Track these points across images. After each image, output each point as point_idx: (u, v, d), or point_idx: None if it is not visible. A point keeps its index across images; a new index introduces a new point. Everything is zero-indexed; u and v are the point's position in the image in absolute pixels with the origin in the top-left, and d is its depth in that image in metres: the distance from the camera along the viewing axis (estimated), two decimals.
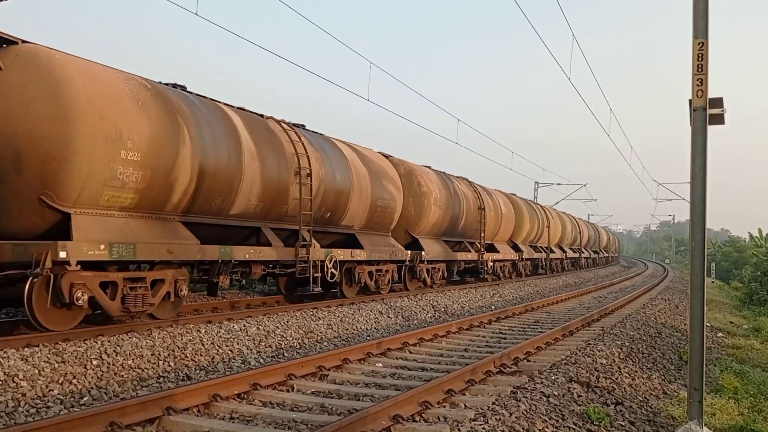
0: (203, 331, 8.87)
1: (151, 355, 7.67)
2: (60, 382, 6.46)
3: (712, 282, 40.22)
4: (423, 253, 17.02)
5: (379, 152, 16.79)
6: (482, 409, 5.63)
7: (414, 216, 17.23)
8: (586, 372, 7.42)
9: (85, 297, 7.96)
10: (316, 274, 12.18)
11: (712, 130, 5.73)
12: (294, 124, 12.72)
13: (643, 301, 19.01)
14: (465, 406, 6.17)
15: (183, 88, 10.26)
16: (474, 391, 6.84)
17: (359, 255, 14.03)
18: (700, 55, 5.62)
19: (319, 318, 11.12)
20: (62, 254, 7.54)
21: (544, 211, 33.05)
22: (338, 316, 11.56)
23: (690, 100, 5.72)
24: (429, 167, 19.33)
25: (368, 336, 10.88)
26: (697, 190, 5.70)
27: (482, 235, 21.68)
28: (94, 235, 8.05)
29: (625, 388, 7.29)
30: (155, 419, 5.41)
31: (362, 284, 14.51)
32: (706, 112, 5.65)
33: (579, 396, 6.49)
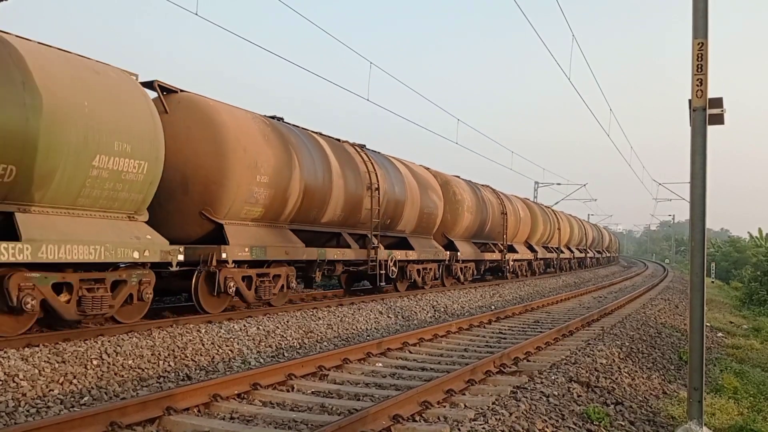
0: (203, 331, 8.88)
1: (152, 355, 7.67)
2: (60, 382, 6.46)
3: (712, 282, 40.23)
4: (458, 253, 19.59)
5: (420, 165, 19.11)
6: (482, 409, 5.63)
7: (450, 221, 19.65)
8: (586, 372, 7.42)
9: (234, 288, 10.26)
10: (381, 272, 14.69)
11: (711, 130, 5.74)
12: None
13: (642, 301, 19.02)
14: (465, 405, 6.17)
15: (281, 119, 12.63)
16: (474, 391, 6.85)
17: (412, 255, 16.49)
18: (699, 55, 5.62)
19: (319, 318, 11.13)
20: (224, 255, 9.95)
21: (555, 214, 35.92)
22: (338, 316, 11.56)
23: (690, 100, 5.72)
24: (458, 176, 21.48)
25: (368, 336, 10.88)
26: (697, 190, 5.70)
27: (504, 237, 24.37)
28: (239, 241, 10.41)
29: (624, 387, 7.30)
30: (155, 419, 5.42)
31: (412, 280, 16.93)
32: (705, 112, 5.65)
33: (579, 396, 6.49)
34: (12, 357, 6.56)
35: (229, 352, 8.52)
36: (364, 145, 15.44)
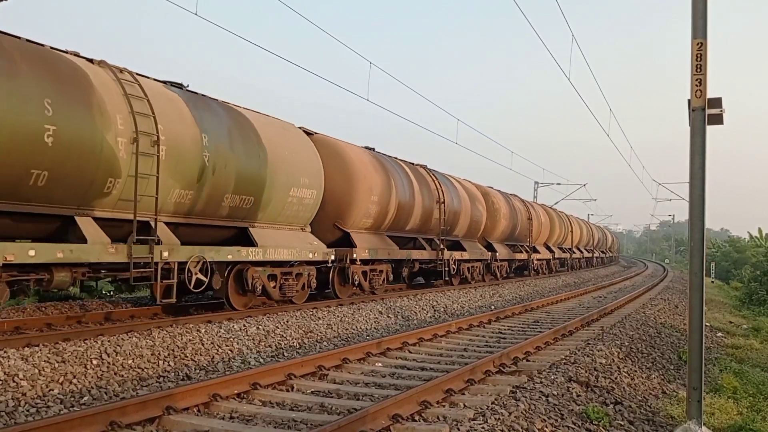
0: (203, 330, 8.88)
1: (151, 354, 7.67)
2: (60, 381, 6.47)
3: (712, 282, 40.22)
4: (497, 254, 23.54)
5: (464, 179, 22.78)
6: (481, 409, 5.63)
7: (489, 226, 23.40)
8: (586, 372, 7.43)
9: (357, 280, 14.12)
10: (446, 268, 18.57)
11: (711, 129, 5.74)
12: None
13: (642, 301, 19.02)
14: (464, 405, 6.18)
15: (373, 149, 16.17)
16: (473, 391, 6.85)
17: (465, 255, 20.39)
18: (698, 55, 5.63)
19: (319, 318, 11.13)
20: (354, 255, 13.72)
21: (568, 218, 40.05)
22: (338, 316, 11.57)
23: (689, 100, 5.72)
24: (491, 187, 25.30)
25: (368, 336, 10.88)
26: (696, 190, 5.70)
27: (530, 239, 28.33)
28: (361, 245, 14.11)
29: (624, 387, 7.30)
30: (155, 419, 5.42)
31: (463, 276, 20.70)
32: (704, 112, 5.65)
33: (578, 395, 6.49)
34: (12, 357, 6.57)
35: (229, 352, 8.53)
36: (426, 165, 19.19)
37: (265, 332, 9.58)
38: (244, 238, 11.11)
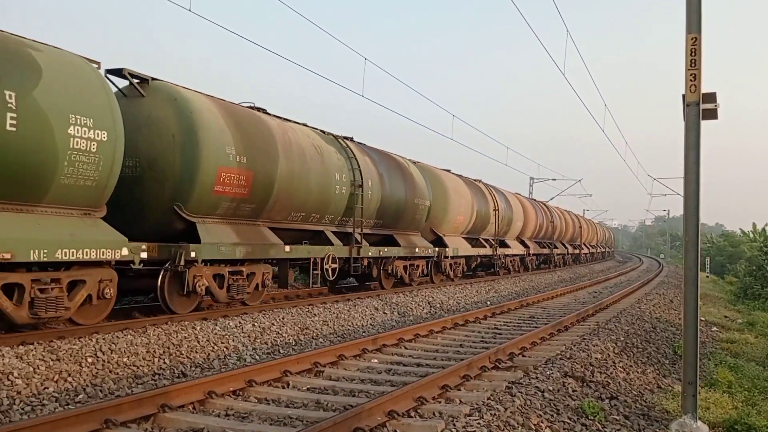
0: (198, 328, 8.86)
1: (147, 352, 7.65)
2: (55, 379, 6.44)
3: (707, 276, 40.35)
4: (530, 249, 29.21)
5: (510, 192, 28.46)
6: (477, 405, 5.64)
7: (522, 229, 28.36)
8: (581, 367, 7.44)
9: (451, 270, 20.04)
10: (500, 262, 24.59)
11: (705, 125, 5.74)
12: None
13: (638, 296, 19.06)
14: (460, 401, 6.18)
15: (448, 170, 21.43)
16: (469, 387, 6.86)
17: (509, 251, 25.84)
18: (693, 50, 5.62)
19: (315, 314, 11.12)
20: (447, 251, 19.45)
21: (578, 218, 46.17)
22: (334, 313, 11.56)
23: (683, 95, 5.72)
24: (519, 194, 31.15)
25: (364, 332, 10.88)
26: (691, 185, 5.69)
27: (553, 237, 34.80)
28: (451, 244, 19.83)
29: (619, 382, 7.31)
30: (150, 416, 5.41)
31: (507, 269, 26.22)
32: (699, 107, 5.64)
33: (574, 391, 6.50)
34: (7, 355, 6.54)
35: (225, 349, 8.51)
36: (481, 180, 24.16)
37: (261, 329, 9.57)
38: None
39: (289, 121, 12.80)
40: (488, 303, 16.50)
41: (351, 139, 15.08)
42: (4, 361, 6.39)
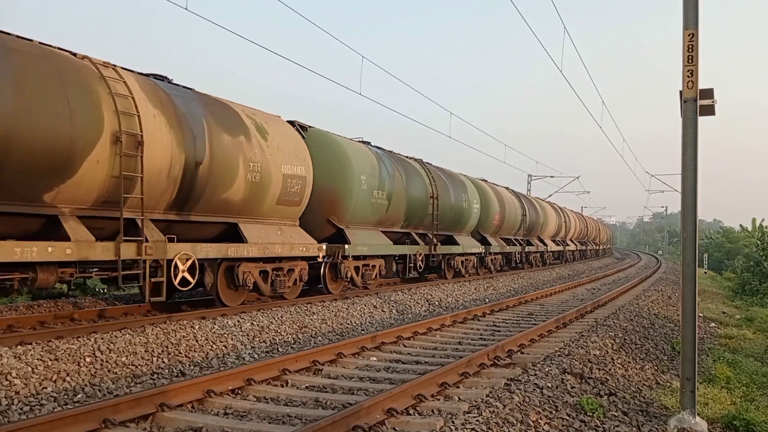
0: (197, 327, 8.85)
1: (145, 351, 7.65)
2: (53, 379, 6.44)
3: (705, 273, 40.39)
4: (548, 247, 33.47)
5: (534, 197, 34.14)
6: (476, 402, 5.64)
7: (542, 228, 32.37)
8: (580, 363, 7.45)
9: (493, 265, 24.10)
10: (530, 258, 29.63)
11: (703, 120, 5.74)
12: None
13: (636, 292, 19.08)
14: (459, 398, 6.19)
15: (484, 180, 24.61)
16: (468, 384, 6.86)
17: (532, 249, 30.10)
18: (690, 46, 5.62)
19: (314, 313, 11.11)
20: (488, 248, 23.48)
21: (583, 217, 50.80)
22: (332, 311, 11.55)
23: (681, 92, 5.71)
24: (540, 198, 36.78)
25: (363, 330, 10.88)
26: (689, 181, 5.70)
27: (565, 235, 38.92)
28: (494, 243, 24.32)
29: (618, 378, 7.32)
30: (149, 415, 5.40)
31: (530, 264, 30.49)
32: (696, 103, 5.65)
33: (572, 387, 6.51)
34: (5, 355, 6.53)
35: (223, 348, 8.51)
36: (509, 187, 28.16)
37: (260, 328, 9.56)
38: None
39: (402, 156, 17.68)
40: (487, 300, 16.51)
41: (421, 161, 18.83)
42: (2, 361, 6.38)
